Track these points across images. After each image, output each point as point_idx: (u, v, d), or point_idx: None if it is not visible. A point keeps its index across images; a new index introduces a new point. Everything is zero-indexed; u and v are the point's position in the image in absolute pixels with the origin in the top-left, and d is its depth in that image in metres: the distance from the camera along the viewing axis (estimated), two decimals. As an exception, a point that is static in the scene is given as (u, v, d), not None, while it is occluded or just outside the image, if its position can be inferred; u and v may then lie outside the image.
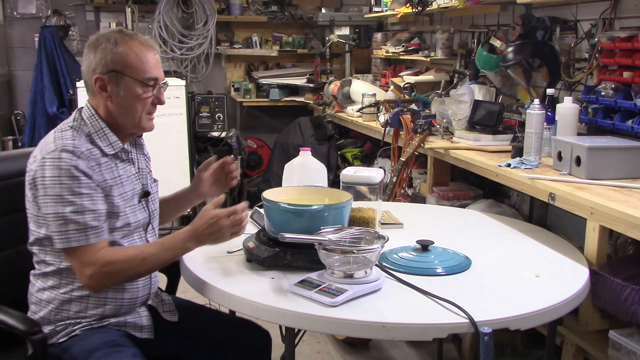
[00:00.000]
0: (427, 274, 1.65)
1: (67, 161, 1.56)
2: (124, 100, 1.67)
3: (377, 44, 5.06)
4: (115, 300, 1.69)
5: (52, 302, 1.66)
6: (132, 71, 1.66)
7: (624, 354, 1.85)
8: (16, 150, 2.24)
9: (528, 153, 2.50)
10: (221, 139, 5.01)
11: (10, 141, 5.05)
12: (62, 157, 1.56)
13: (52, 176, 1.55)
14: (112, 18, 5.32)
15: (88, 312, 1.67)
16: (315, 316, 1.42)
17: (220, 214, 1.59)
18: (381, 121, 3.68)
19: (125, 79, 1.66)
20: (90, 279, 1.58)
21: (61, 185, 1.55)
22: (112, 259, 1.59)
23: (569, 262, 1.82)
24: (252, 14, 5.58)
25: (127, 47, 1.66)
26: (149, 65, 1.68)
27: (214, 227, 1.59)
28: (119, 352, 1.60)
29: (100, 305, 1.68)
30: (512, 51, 3.01)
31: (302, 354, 2.89)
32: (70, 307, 1.66)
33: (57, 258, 1.65)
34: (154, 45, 1.73)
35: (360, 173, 1.98)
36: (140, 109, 1.69)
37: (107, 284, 1.63)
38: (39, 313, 1.67)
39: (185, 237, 1.61)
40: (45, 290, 1.67)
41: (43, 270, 1.68)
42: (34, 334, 1.55)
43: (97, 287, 1.62)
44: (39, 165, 1.58)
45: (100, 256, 1.58)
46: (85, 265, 1.57)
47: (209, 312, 1.94)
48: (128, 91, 1.67)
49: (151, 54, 1.69)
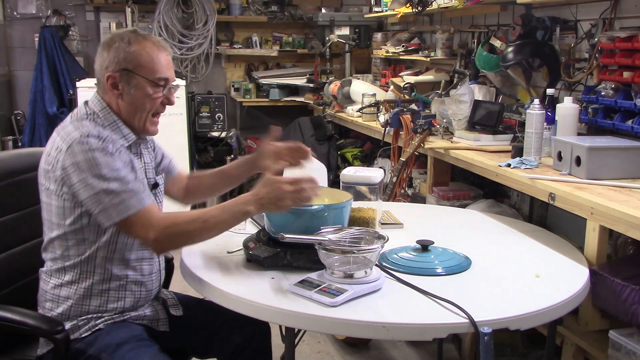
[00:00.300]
0: (427, 274, 1.65)
1: (96, 143, 1.59)
2: (134, 98, 1.69)
3: (377, 44, 5.06)
4: (134, 293, 1.72)
5: (71, 297, 1.67)
6: (143, 70, 1.68)
7: (624, 354, 1.85)
8: (17, 150, 2.24)
9: (528, 153, 2.50)
10: (221, 139, 5.01)
11: (10, 141, 5.06)
12: (90, 141, 1.58)
13: (86, 159, 1.57)
14: (112, 18, 5.32)
15: (108, 305, 1.69)
16: (315, 316, 1.42)
17: (282, 179, 1.61)
18: (381, 121, 3.68)
19: (137, 78, 1.68)
20: (155, 242, 1.60)
21: (98, 165, 1.57)
22: (175, 222, 1.62)
23: (569, 262, 1.82)
24: (252, 14, 5.58)
25: (140, 47, 1.68)
26: (160, 66, 1.69)
27: (277, 191, 1.59)
28: (147, 347, 1.64)
29: (120, 299, 1.70)
30: (512, 51, 3.01)
31: (302, 354, 2.89)
32: (91, 302, 1.67)
33: (80, 250, 1.66)
34: (166, 47, 1.74)
35: (360, 173, 1.98)
36: (149, 108, 1.71)
37: (171, 246, 1.68)
38: (57, 310, 1.68)
39: (247, 200, 1.62)
40: (62, 286, 1.68)
41: (59, 265, 1.68)
42: (57, 332, 1.56)
43: (162, 250, 1.67)
44: (67, 154, 1.58)
45: (162, 219, 1.61)
46: (149, 229, 1.59)
47: (208, 305, 1.95)
48: (139, 90, 1.69)
49: (163, 54, 1.71)
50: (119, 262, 1.69)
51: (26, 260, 1.86)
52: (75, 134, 1.60)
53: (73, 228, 1.64)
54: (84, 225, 1.64)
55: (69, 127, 1.65)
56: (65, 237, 1.66)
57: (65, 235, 1.66)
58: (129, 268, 1.71)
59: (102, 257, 1.67)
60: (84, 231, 1.64)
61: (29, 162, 1.91)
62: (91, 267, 1.67)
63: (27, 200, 1.88)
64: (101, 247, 1.66)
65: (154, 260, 1.79)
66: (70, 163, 1.58)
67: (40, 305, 1.73)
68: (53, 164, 1.62)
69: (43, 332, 1.59)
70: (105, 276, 1.68)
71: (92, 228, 1.64)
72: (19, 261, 1.87)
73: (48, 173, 1.64)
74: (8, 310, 1.59)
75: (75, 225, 1.64)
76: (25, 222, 1.89)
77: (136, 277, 1.73)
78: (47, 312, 1.69)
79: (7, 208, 1.85)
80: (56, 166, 1.61)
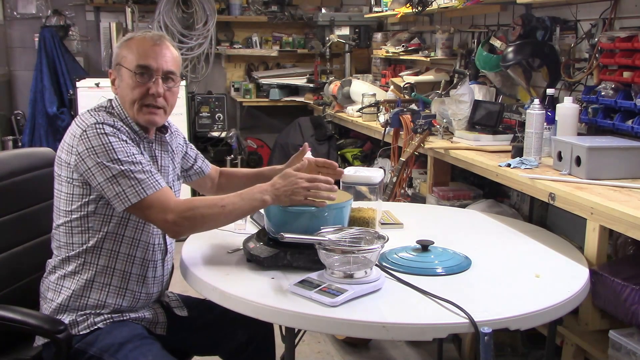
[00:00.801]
0: (427, 274, 1.65)
1: (110, 129, 1.61)
2: (122, 90, 1.73)
3: (377, 44, 5.06)
4: (133, 293, 1.72)
5: (71, 287, 1.68)
6: (126, 61, 1.70)
7: (624, 354, 1.85)
8: (17, 150, 2.24)
9: (528, 153, 2.50)
10: (221, 139, 5.01)
11: (10, 141, 5.06)
12: (104, 128, 1.61)
13: (101, 143, 1.59)
14: (112, 18, 5.32)
15: (107, 300, 1.69)
16: (315, 316, 1.42)
17: (300, 174, 1.66)
18: (381, 121, 3.68)
19: (122, 70, 1.71)
20: (174, 224, 1.60)
21: (113, 149, 1.59)
22: (194, 205, 1.63)
23: (569, 262, 1.81)
24: (252, 14, 5.58)
25: (132, 41, 1.72)
26: (143, 55, 1.69)
27: (292, 185, 1.64)
28: (150, 345, 1.64)
29: (120, 296, 1.70)
30: (512, 51, 3.01)
31: (302, 354, 2.89)
32: (90, 294, 1.68)
33: (84, 239, 1.67)
34: (160, 39, 1.74)
35: (360, 173, 1.98)
36: (132, 98, 1.70)
37: (189, 230, 1.69)
38: (57, 300, 1.68)
39: (264, 189, 1.65)
40: (65, 277, 1.69)
41: (64, 255, 1.69)
42: (59, 332, 1.56)
43: (179, 232, 1.64)
44: (81, 140, 1.60)
45: (181, 202, 1.63)
46: (167, 211, 1.59)
47: (210, 305, 1.95)
48: (123, 81, 1.71)
49: (152, 45, 1.71)
50: (123, 257, 1.70)
51: (26, 260, 1.87)
52: (91, 120, 1.63)
53: (78, 215, 1.65)
54: (90, 213, 1.65)
55: (86, 114, 1.68)
56: (70, 224, 1.67)
57: (70, 223, 1.67)
58: (134, 265, 1.71)
59: (107, 250, 1.68)
60: (89, 219, 1.66)
61: (29, 162, 1.91)
62: (95, 258, 1.67)
63: (27, 200, 1.89)
64: (107, 238, 1.67)
65: (159, 263, 1.79)
66: (85, 148, 1.59)
67: (43, 295, 1.74)
68: (68, 151, 1.63)
69: (45, 332, 1.60)
70: (108, 270, 1.68)
71: (97, 217, 1.65)
72: (19, 261, 1.87)
73: (61, 160, 1.66)
74: (9, 310, 1.59)
75: (80, 212, 1.65)
76: (25, 222, 1.89)
77: (139, 277, 1.73)
78: (49, 302, 1.70)
79: (7, 208, 1.85)
80: (70, 152, 1.62)
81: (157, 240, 1.77)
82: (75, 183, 1.64)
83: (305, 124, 4.81)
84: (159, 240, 1.78)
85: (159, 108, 1.72)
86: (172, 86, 1.75)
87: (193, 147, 2.05)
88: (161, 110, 1.73)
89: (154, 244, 1.76)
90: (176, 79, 1.76)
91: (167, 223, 1.60)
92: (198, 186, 2.10)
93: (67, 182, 1.65)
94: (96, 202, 1.64)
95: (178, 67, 1.78)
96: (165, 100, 1.73)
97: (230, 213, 1.64)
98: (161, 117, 1.75)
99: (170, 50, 1.75)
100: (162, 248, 1.80)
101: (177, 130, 1.96)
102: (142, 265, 1.73)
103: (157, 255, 1.77)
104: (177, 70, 1.77)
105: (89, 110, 1.70)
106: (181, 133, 2.00)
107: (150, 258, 1.75)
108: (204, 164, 2.06)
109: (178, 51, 1.81)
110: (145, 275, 1.74)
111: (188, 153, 2.01)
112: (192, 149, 2.03)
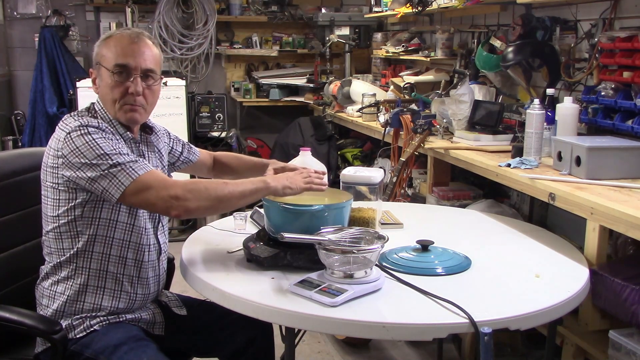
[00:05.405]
0: (427, 274, 1.65)
1: (94, 130, 1.61)
2: (102, 90, 1.72)
3: (377, 44, 5.06)
4: (129, 294, 1.71)
5: (66, 293, 1.67)
6: (105, 60, 1.69)
7: (624, 354, 1.85)
8: (17, 150, 2.25)
9: (528, 153, 2.50)
10: (221, 139, 5.01)
11: (10, 141, 5.06)
12: (89, 129, 1.60)
13: (85, 142, 1.58)
14: (112, 18, 5.32)
15: (103, 303, 1.68)
16: (315, 316, 1.42)
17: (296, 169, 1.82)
18: (381, 121, 3.68)
19: (101, 69, 1.70)
20: (178, 198, 1.56)
21: (98, 146, 1.58)
22: (195, 180, 1.66)
23: (569, 262, 1.81)
24: (252, 14, 5.58)
25: (111, 40, 1.70)
26: (121, 54, 1.67)
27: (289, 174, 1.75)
28: (146, 347, 1.63)
29: (115, 298, 1.69)
30: (512, 51, 3.01)
31: (302, 354, 2.89)
32: (85, 299, 1.67)
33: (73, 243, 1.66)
34: (139, 36, 1.71)
35: (360, 173, 1.98)
36: (112, 97, 1.69)
37: (195, 202, 1.58)
38: (52, 306, 1.68)
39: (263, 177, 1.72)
40: (59, 282, 1.68)
41: (55, 261, 1.68)
42: (55, 332, 1.56)
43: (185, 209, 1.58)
44: (65, 142, 1.59)
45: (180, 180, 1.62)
46: (168, 187, 1.57)
47: (210, 305, 1.95)
48: (103, 80, 1.70)
49: (129, 43, 1.69)
50: (115, 260, 1.69)
51: (26, 261, 1.86)
52: (75, 123, 1.62)
53: (66, 220, 1.64)
54: (77, 217, 1.64)
55: (69, 119, 1.67)
56: (59, 230, 1.66)
57: (59, 228, 1.66)
58: (126, 267, 1.71)
59: (98, 253, 1.67)
60: (77, 223, 1.64)
61: (29, 162, 1.91)
62: (86, 262, 1.66)
63: (27, 200, 1.88)
64: (96, 241, 1.66)
65: (153, 263, 1.78)
66: (70, 150, 1.58)
67: (38, 302, 1.73)
68: (53, 155, 1.62)
69: (41, 332, 1.59)
70: (101, 273, 1.68)
71: (85, 220, 1.64)
72: (19, 261, 1.87)
73: (47, 165, 1.65)
74: (7, 310, 1.59)
75: (68, 217, 1.64)
76: (25, 222, 1.89)
77: (133, 278, 1.72)
78: (44, 308, 1.70)
79: (7, 208, 1.85)
80: (56, 155, 1.61)
81: (150, 240, 1.76)
82: (60, 188, 1.62)
83: (305, 124, 4.81)
84: (152, 241, 1.77)
85: (138, 106, 1.71)
86: (151, 84, 1.73)
87: (179, 140, 2.04)
88: (141, 108, 1.72)
89: (146, 244, 1.74)
90: (156, 76, 1.74)
91: (172, 198, 1.56)
92: (192, 171, 2.14)
93: (52, 187, 1.63)
94: (82, 205, 1.63)
95: (158, 65, 1.75)
96: (144, 99, 1.71)
97: (232, 190, 1.62)
98: (142, 115, 1.73)
99: (149, 48, 1.72)
100: (156, 248, 1.79)
101: (162, 130, 1.96)
102: (135, 266, 1.72)
103: (152, 256, 1.77)
104: (157, 67, 1.74)
105: (71, 114, 1.69)
106: (165, 130, 2.00)
107: (143, 259, 1.74)
108: (190, 154, 2.05)
109: (159, 48, 1.78)
110: (139, 276, 1.73)
111: (174, 148, 2.00)
112: (177, 142, 2.02)
